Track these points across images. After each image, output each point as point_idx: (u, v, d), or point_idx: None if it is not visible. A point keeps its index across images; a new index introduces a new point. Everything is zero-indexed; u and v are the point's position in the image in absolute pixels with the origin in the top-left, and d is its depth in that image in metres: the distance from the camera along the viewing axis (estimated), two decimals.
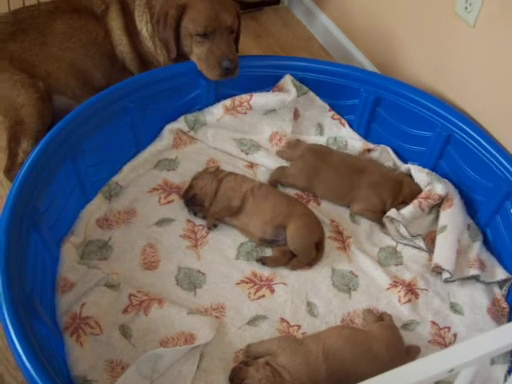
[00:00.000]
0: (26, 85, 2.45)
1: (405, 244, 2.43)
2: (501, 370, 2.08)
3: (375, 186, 2.49)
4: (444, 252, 2.32)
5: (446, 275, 2.29)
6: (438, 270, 2.33)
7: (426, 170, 2.59)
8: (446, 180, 2.55)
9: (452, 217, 2.43)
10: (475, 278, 2.32)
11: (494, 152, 2.39)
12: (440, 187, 2.48)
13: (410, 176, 2.59)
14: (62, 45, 2.58)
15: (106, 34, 2.65)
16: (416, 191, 2.52)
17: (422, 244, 2.40)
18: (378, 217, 2.49)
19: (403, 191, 2.51)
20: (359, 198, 2.49)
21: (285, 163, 2.61)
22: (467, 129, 2.48)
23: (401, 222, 2.38)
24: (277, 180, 2.55)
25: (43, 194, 2.10)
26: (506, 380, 2.06)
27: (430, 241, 2.43)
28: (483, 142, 2.43)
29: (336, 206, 2.54)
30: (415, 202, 2.45)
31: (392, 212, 2.42)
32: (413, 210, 2.43)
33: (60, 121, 2.27)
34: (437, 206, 2.50)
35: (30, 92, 2.46)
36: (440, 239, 2.38)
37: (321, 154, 2.56)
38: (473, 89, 2.54)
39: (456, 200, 2.48)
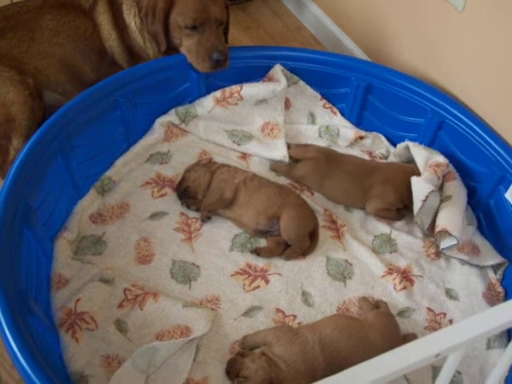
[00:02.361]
0: (16, 82, 2.44)
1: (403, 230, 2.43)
2: (497, 354, 2.09)
3: (388, 182, 2.44)
4: (451, 218, 2.30)
5: (451, 242, 2.26)
6: (441, 238, 2.30)
7: (423, 146, 2.57)
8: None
9: (456, 188, 2.41)
10: (464, 261, 2.33)
11: (486, 137, 2.40)
12: (442, 157, 2.47)
13: (409, 151, 2.56)
14: (50, 41, 2.57)
15: (94, 29, 2.63)
16: None
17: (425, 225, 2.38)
18: (395, 215, 2.46)
19: None
20: (374, 197, 2.44)
21: (280, 153, 2.61)
22: (459, 114, 2.48)
23: (433, 188, 2.32)
24: (283, 175, 2.56)
25: (35, 190, 2.09)
26: None
27: (431, 229, 2.41)
28: (475, 127, 2.43)
29: None
30: (429, 169, 2.40)
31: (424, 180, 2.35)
32: (430, 176, 2.37)
33: (50, 117, 2.26)
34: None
35: (20, 89, 2.44)
36: (445, 207, 2.35)
37: (332, 156, 2.53)
38: (463, 74, 2.54)
39: (457, 175, 2.48)
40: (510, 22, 2.22)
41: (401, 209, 2.45)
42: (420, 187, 2.34)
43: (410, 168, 2.51)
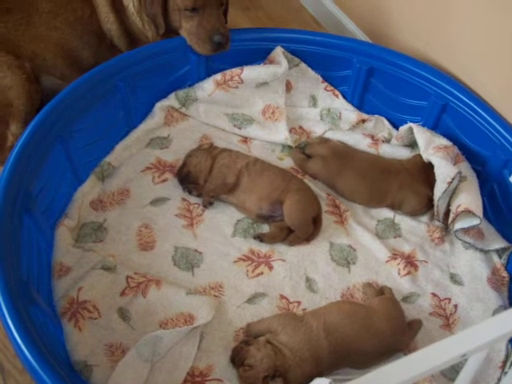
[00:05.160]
0: (13, 66, 2.39)
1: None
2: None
3: (408, 187, 2.40)
4: (471, 198, 2.26)
5: (473, 222, 2.22)
6: (462, 218, 2.26)
7: (426, 128, 2.54)
8: None
9: (467, 170, 2.39)
10: (470, 244, 2.32)
11: (491, 120, 2.37)
12: (445, 140, 2.44)
13: (412, 133, 2.53)
14: (47, 24, 2.51)
15: (92, 12, 2.58)
16: None
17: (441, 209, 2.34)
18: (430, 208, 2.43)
19: (432, 177, 2.38)
20: (401, 204, 2.41)
21: (281, 136, 2.58)
22: (462, 97, 2.45)
23: (459, 170, 2.31)
24: (298, 167, 2.54)
25: (35, 177, 2.06)
26: (507, 350, 2.05)
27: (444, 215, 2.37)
28: (479, 110, 2.40)
29: None
30: (441, 151, 2.37)
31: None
32: (443, 155, 2.34)
33: (49, 102, 2.22)
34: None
35: (17, 73, 2.40)
36: (464, 188, 2.32)
37: (344, 154, 2.48)
38: (466, 55, 2.50)
39: (463, 157, 2.44)
40: None
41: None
42: (445, 170, 2.31)
43: (424, 169, 2.43)
